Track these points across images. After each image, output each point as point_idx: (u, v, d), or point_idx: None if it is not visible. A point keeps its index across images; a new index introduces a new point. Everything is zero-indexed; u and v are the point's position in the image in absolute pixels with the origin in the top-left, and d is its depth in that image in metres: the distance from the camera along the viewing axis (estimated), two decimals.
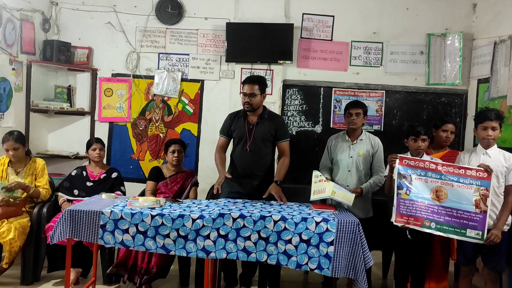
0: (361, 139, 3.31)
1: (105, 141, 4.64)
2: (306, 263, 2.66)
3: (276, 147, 3.31)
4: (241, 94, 3.21)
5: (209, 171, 3.76)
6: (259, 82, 3.21)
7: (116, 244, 2.68)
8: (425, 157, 3.00)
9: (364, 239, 2.67)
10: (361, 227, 2.68)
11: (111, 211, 2.67)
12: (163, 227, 2.67)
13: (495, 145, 2.86)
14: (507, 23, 3.90)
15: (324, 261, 2.64)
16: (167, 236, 2.66)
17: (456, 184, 2.72)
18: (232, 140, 3.36)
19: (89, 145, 3.67)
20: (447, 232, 2.74)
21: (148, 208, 2.77)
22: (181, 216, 2.67)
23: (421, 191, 2.78)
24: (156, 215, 2.68)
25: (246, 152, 3.22)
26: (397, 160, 2.83)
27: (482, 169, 2.68)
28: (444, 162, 2.83)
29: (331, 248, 2.63)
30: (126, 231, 2.66)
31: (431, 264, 3.19)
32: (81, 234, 2.67)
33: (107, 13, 4.64)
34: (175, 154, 3.55)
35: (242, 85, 3.25)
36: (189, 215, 2.68)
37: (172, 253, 2.69)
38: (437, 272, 3.23)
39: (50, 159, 4.48)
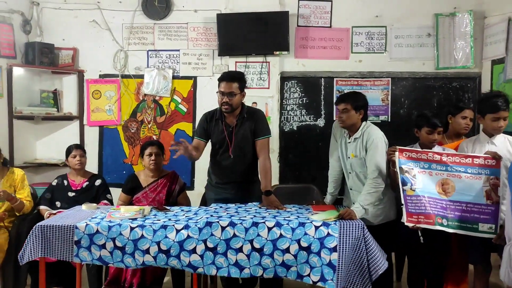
0: (356, 137, 2.79)
1: (96, 146, 4.46)
2: (308, 275, 2.37)
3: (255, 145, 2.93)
4: (218, 93, 2.86)
5: (205, 174, 3.46)
6: (238, 79, 2.87)
7: (93, 261, 2.42)
8: (437, 148, 2.70)
9: (371, 245, 2.37)
10: (367, 231, 2.39)
11: (86, 225, 2.41)
12: (142, 241, 2.39)
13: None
14: None
15: (328, 270, 2.34)
16: (147, 251, 2.38)
17: (464, 175, 2.50)
18: (211, 144, 3.03)
19: (68, 152, 3.40)
20: (456, 229, 2.50)
21: (129, 219, 2.50)
22: (164, 227, 2.40)
23: (426, 186, 2.52)
24: (136, 226, 2.41)
25: (230, 158, 2.92)
26: (397, 153, 2.55)
27: (489, 156, 2.48)
28: (449, 152, 2.58)
29: (335, 255, 2.34)
30: (103, 246, 2.40)
31: (448, 266, 2.87)
32: (54, 252, 2.42)
33: (91, 11, 4.39)
34: (152, 157, 3.19)
35: (219, 83, 2.89)
36: (173, 225, 2.40)
37: None
38: (455, 274, 2.91)
39: (40, 168, 4.29)
